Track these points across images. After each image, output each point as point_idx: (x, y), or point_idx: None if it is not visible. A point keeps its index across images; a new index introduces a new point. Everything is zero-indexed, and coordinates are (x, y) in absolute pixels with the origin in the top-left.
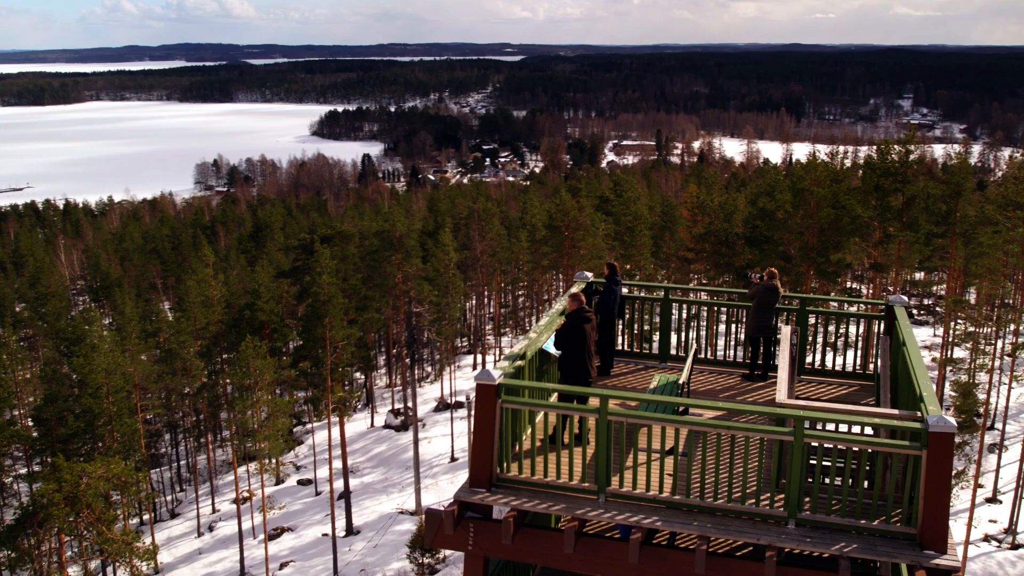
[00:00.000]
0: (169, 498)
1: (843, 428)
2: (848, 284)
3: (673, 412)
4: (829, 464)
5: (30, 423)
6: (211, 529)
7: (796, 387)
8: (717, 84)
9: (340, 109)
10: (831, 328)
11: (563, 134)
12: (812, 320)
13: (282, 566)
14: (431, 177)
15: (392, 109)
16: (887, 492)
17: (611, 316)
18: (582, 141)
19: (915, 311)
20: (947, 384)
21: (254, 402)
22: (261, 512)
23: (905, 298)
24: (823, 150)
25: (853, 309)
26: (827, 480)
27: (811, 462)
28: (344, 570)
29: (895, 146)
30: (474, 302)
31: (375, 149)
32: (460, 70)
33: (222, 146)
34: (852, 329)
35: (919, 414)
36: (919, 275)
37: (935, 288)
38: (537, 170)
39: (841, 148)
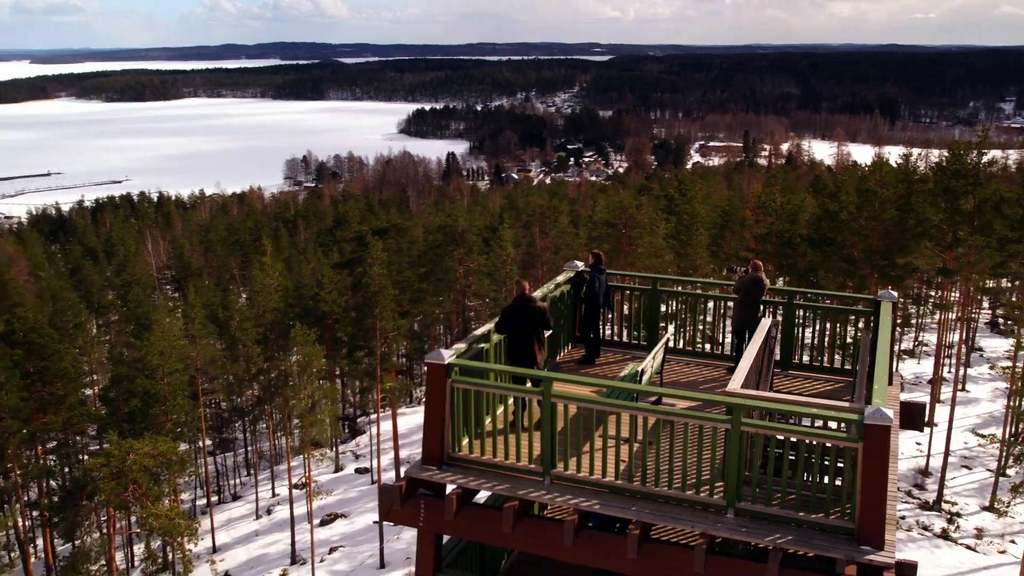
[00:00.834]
0: (234, 482)
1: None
2: (924, 291)
3: (631, 399)
4: (782, 454)
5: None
6: (269, 512)
7: (782, 381)
8: (809, 85)
9: (427, 108)
10: (819, 324)
11: (649, 134)
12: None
13: (332, 550)
14: (515, 176)
15: (479, 108)
16: (826, 485)
17: (596, 305)
18: (667, 142)
19: (1000, 320)
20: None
21: (301, 388)
22: (310, 498)
23: (895, 294)
24: (916, 153)
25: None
26: (767, 471)
27: (765, 452)
28: (390, 557)
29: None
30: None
31: (461, 148)
32: (547, 69)
33: (312, 143)
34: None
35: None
36: (1004, 282)
37: (1011, 296)
38: (621, 170)
39: (935, 152)
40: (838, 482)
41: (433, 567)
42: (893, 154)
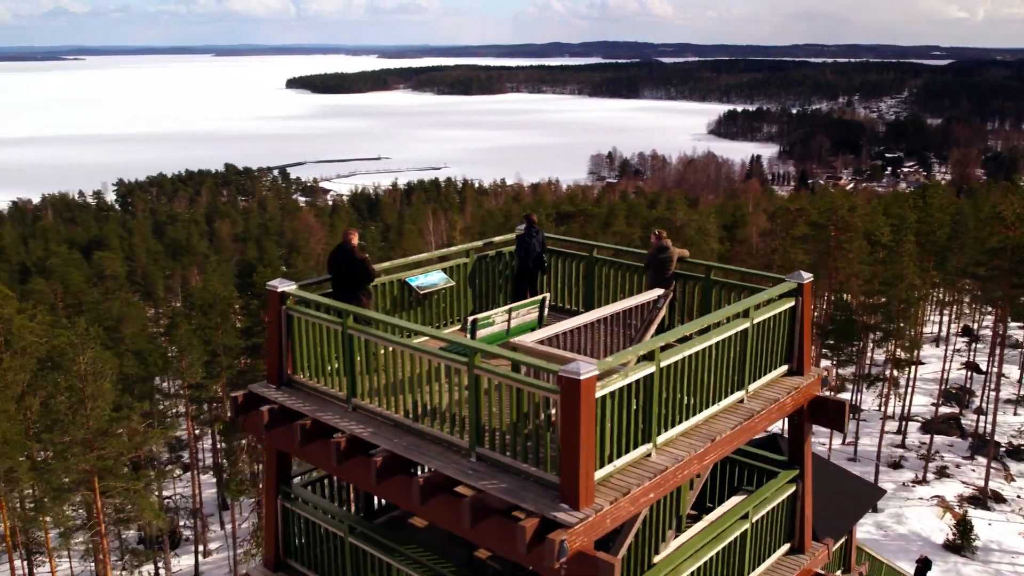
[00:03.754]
0: None
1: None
2: None
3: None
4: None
5: None
6: None
7: None
8: None
9: (740, 109)
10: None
11: (981, 146)
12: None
13: None
14: (822, 183)
15: (794, 111)
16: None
17: (525, 267)
18: (1001, 154)
19: None
20: None
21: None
22: None
23: (805, 275)
24: None
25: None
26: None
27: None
28: None
29: None
30: None
31: (769, 151)
32: (875, 73)
33: (620, 140)
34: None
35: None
36: None
37: None
38: (943, 182)
39: None
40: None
41: (276, 479)
42: None
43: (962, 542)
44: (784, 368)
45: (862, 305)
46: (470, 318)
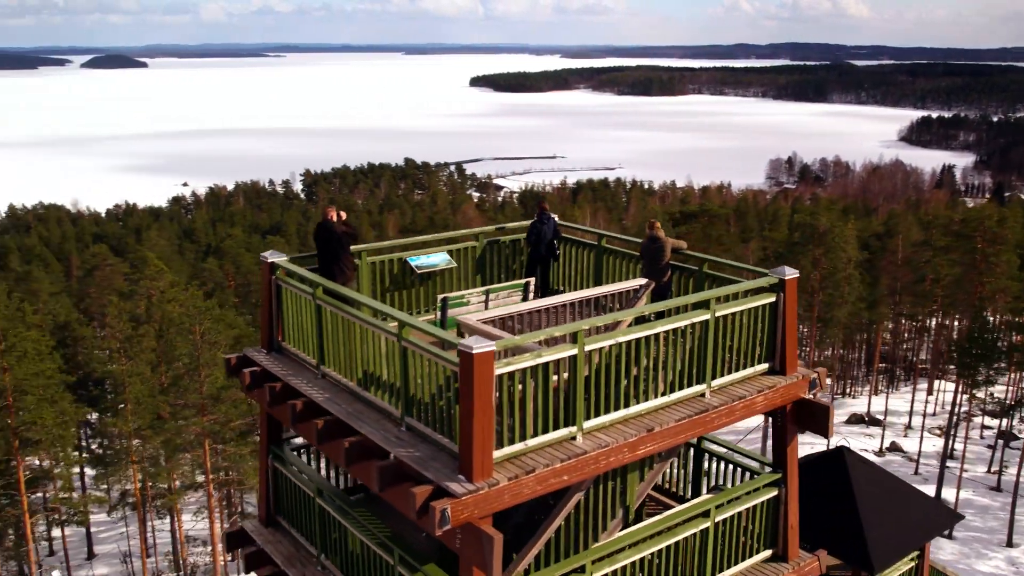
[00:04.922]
0: None
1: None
2: None
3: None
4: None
5: None
6: None
7: None
8: None
9: (935, 115)
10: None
11: None
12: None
13: None
14: (1022, 196)
15: (995, 119)
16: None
17: (537, 254)
18: None
19: None
20: None
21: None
22: None
23: (789, 270)
24: None
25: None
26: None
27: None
28: None
29: None
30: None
31: (965, 160)
32: None
33: (802, 145)
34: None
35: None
36: None
37: None
38: None
39: None
40: None
41: (266, 437)
42: None
43: None
44: (764, 366)
45: (1008, 323)
46: (440, 296)
